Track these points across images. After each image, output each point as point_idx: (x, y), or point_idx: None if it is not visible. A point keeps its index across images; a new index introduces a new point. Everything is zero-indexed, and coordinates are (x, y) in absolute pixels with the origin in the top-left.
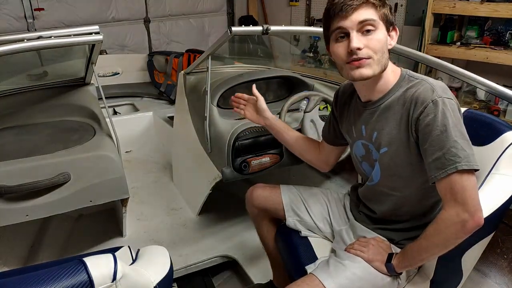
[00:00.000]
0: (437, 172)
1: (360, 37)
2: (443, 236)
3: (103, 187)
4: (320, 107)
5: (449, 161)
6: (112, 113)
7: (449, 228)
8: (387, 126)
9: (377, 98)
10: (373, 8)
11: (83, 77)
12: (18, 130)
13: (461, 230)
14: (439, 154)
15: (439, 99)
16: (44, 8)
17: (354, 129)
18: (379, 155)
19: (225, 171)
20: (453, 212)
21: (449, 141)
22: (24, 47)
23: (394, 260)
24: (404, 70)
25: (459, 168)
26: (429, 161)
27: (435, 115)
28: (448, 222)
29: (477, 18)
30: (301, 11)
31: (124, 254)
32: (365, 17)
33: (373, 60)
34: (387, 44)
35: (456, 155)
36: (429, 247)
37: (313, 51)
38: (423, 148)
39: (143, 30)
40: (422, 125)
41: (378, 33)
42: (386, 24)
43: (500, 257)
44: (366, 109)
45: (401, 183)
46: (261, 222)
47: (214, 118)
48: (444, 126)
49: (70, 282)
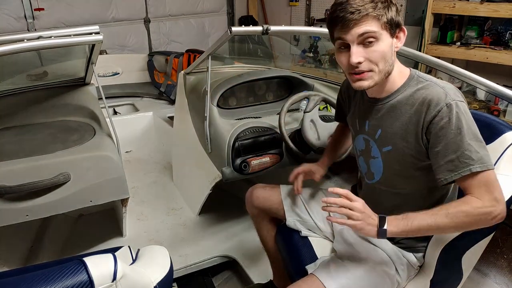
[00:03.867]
0: (449, 174)
1: (361, 50)
2: (467, 220)
3: (103, 187)
4: (320, 107)
5: (462, 164)
6: (112, 113)
7: (479, 215)
8: (393, 125)
9: (383, 96)
10: (374, 20)
11: (83, 77)
12: (18, 130)
13: (489, 220)
14: (452, 157)
15: (453, 103)
16: (44, 8)
17: (358, 123)
18: (382, 153)
19: (225, 171)
20: (489, 202)
21: (463, 144)
22: (24, 47)
23: (387, 225)
24: (413, 71)
25: (473, 170)
26: (441, 163)
27: (450, 118)
28: (481, 210)
29: (477, 18)
30: (301, 11)
31: (124, 254)
32: (366, 30)
33: (374, 72)
34: (391, 51)
35: (470, 158)
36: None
37: (313, 51)
38: (434, 150)
39: (143, 30)
40: (436, 128)
41: (380, 44)
42: (390, 31)
43: (500, 257)
44: (372, 105)
45: (402, 182)
46: (261, 222)
47: (214, 118)
48: (459, 129)
49: (70, 282)
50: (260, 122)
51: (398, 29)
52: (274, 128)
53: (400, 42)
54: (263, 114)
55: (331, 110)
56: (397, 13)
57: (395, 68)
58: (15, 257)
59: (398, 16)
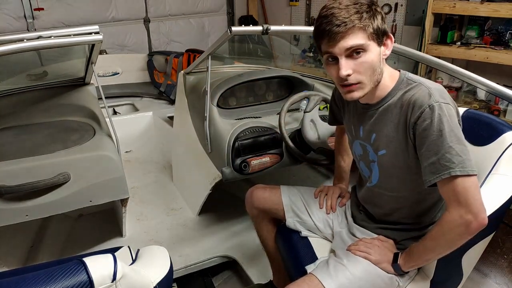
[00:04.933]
0: (431, 176)
1: (349, 62)
2: (448, 237)
3: (103, 187)
4: (320, 107)
5: (443, 167)
6: (112, 113)
7: (454, 230)
8: (385, 128)
9: (375, 102)
10: (361, 31)
11: (83, 77)
12: (18, 130)
13: (466, 232)
14: (434, 159)
15: (436, 104)
16: (44, 8)
17: (354, 129)
18: (378, 157)
19: (225, 171)
20: (457, 214)
21: (444, 146)
22: (24, 47)
23: (400, 260)
24: (402, 73)
25: (453, 174)
26: (425, 165)
27: (431, 120)
28: (452, 224)
29: (477, 18)
30: (301, 11)
31: (124, 254)
32: (353, 43)
33: (364, 83)
34: (380, 59)
35: (450, 161)
36: (435, 247)
37: (313, 51)
38: (420, 152)
39: (143, 30)
40: (419, 129)
41: (367, 54)
42: (377, 40)
43: (500, 257)
44: (365, 111)
45: (399, 184)
46: (261, 222)
47: (214, 118)
48: (440, 132)
49: (70, 282)
50: (260, 122)
51: (385, 36)
52: (274, 128)
53: (388, 49)
54: (263, 114)
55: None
56: (382, 21)
57: (385, 74)
58: (15, 257)
59: (384, 24)
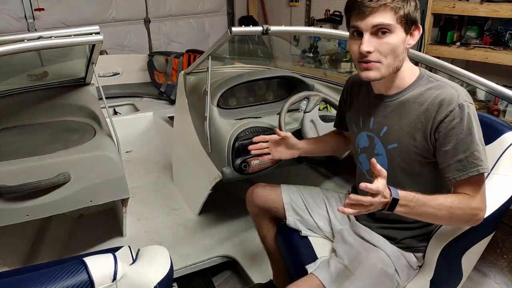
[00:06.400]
0: (458, 173)
1: (373, 40)
2: (460, 214)
3: (103, 187)
4: (320, 107)
5: (471, 164)
6: (112, 113)
7: (469, 213)
8: (400, 123)
9: (391, 93)
10: (391, 12)
11: (84, 77)
12: (18, 130)
13: (471, 220)
14: (461, 157)
15: (465, 103)
16: (44, 8)
17: (362, 120)
18: (387, 151)
19: (225, 171)
20: (477, 205)
21: (473, 144)
22: (24, 47)
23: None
24: (423, 70)
25: (481, 171)
26: (450, 162)
27: (461, 118)
28: (468, 209)
29: (477, 18)
30: (301, 11)
31: (124, 254)
32: (380, 21)
33: (382, 64)
34: (403, 46)
35: (479, 159)
36: (437, 212)
37: (313, 51)
38: (443, 149)
39: (143, 30)
40: (447, 128)
41: (392, 36)
42: (405, 26)
43: (500, 257)
44: (378, 102)
45: (407, 179)
46: (261, 221)
47: (214, 118)
48: (469, 130)
49: (70, 282)
50: (260, 122)
51: (413, 25)
52: (274, 128)
53: (413, 39)
54: (263, 114)
55: (331, 110)
56: (415, 9)
57: (405, 66)
58: (15, 257)
59: (416, 13)
